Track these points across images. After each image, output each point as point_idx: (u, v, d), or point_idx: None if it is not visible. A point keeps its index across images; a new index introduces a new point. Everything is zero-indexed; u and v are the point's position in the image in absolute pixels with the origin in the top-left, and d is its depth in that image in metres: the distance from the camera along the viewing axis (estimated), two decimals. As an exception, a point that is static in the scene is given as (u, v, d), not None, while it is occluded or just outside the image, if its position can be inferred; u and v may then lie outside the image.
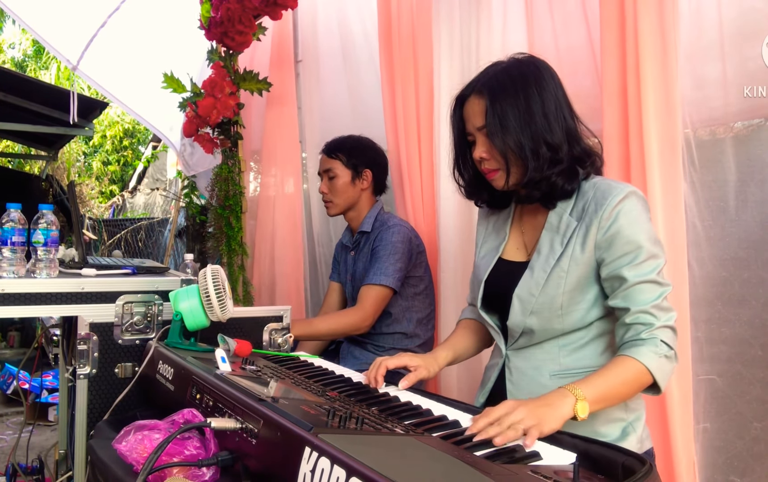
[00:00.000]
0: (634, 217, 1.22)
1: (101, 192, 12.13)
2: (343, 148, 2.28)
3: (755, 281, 1.62)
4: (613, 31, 1.71)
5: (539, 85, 1.27)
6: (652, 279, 1.20)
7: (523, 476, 0.80)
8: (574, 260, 1.26)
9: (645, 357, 1.17)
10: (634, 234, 1.21)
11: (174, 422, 1.09)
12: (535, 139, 1.25)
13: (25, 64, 11.94)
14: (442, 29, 2.30)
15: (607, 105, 1.73)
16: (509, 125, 1.25)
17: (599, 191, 1.26)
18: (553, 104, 1.27)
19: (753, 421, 1.63)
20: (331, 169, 2.27)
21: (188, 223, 6.25)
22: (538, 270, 1.30)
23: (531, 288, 1.30)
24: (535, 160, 1.25)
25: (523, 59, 1.32)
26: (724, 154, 1.67)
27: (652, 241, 1.22)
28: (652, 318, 1.19)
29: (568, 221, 1.28)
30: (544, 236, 1.32)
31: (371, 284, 2.11)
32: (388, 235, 2.16)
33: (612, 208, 1.22)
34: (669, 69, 1.62)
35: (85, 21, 3.48)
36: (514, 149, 1.26)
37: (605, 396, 1.17)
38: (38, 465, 2.26)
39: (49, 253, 1.65)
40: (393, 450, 0.85)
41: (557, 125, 1.27)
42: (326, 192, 2.29)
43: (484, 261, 1.45)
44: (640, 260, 1.20)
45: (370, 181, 2.28)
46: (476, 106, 1.30)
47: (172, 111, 3.13)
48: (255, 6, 2.63)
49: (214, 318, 1.51)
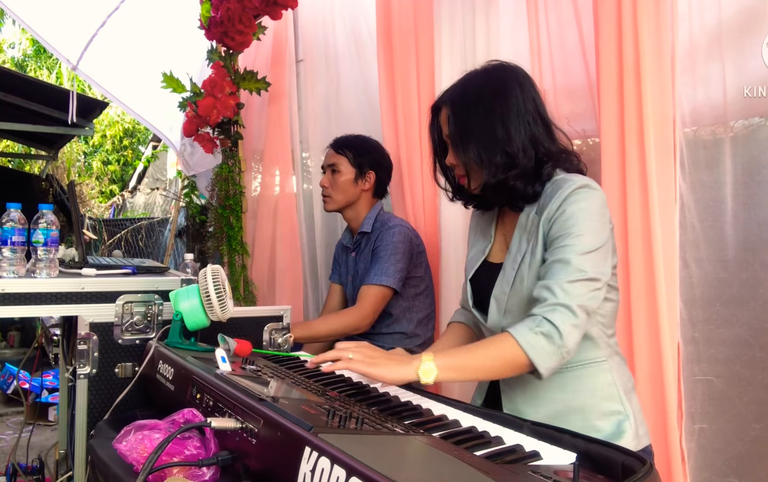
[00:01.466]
0: (579, 206, 1.23)
1: (101, 192, 12.13)
2: (351, 146, 2.29)
3: (754, 282, 1.61)
4: (610, 29, 1.72)
5: (502, 94, 1.31)
6: (567, 259, 1.19)
7: (523, 476, 0.80)
8: (533, 255, 1.28)
9: (519, 333, 1.17)
10: (573, 219, 1.22)
11: (174, 422, 1.09)
12: (490, 148, 1.30)
13: (25, 64, 11.93)
14: (443, 29, 2.30)
15: (604, 104, 1.74)
16: (467, 136, 1.31)
17: (555, 185, 1.29)
18: (514, 113, 1.31)
19: (752, 422, 1.63)
20: (336, 164, 2.27)
21: (188, 223, 6.25)
22: (508, 270, 1.34)
23: (503, 288, 1.34)
24: (490, 167, 1.30)
25: (491, 68, 1.37)
26: (724, 153, 1.67)
27: (592, 231, 1.22)
28: (548, 295, 1.18)
29: (533, 219, 1.32)
30: (515, 236, 1.35)
31: (371, 284, 2.11)
32: (389, 235, 2.17)
33: (562, 200, 1.24)
34: (664, 68, 1.63)
35: (84, 21, 3.47)
36: (473, 157, 1.31)
37: (462, 366, 1.19)
38: (38, 464, 2.26)
39: (49, 253, 1.65)
40: (393, 450, 0.85)
41: (518, 133, 1.30)
42: (327, 186, 2.30)
43: (471, 263, 1.49)
44: (568, 243, 1.20)
45: (373, 183, 2.29)
46: (443, 116, 1.39)
47: (172, 111, 3.13)
48: (255, 6, 2.63)
49: (214, 318, 1.51)
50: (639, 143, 1.66)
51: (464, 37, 2.24)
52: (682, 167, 1.67)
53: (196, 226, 5.50)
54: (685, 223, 1.68)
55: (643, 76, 1.64)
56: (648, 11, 1.64)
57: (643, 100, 1.64)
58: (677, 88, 1.66)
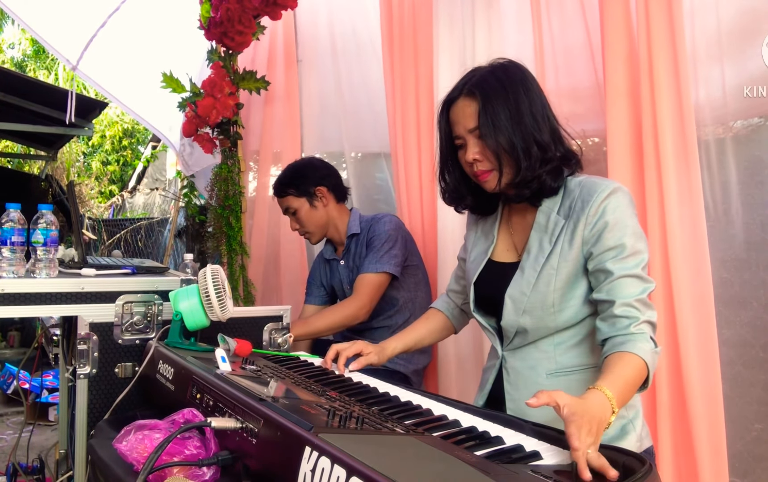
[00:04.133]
0: (620, 213, 1.24)
1: (101, 192, 12.13)
2: (288, 183, 2.30)
3: (756, 282, 1.62)
4: (618, 29, 1.70)
5: (525, 86, 1.30)
6: (636, 274, 1.21)
7: (523, 476, 0.80)
8: (563, 257, 1.27)
9: (642, 352, 1.16)
10: (619, 229, 1.23)
11: (174, 422, 1.09)
12: (526, 138, 1.27)
13: (25, 64, 11.93)
14: (441, 29, 2.30)
15: (611, 104, 1.72)
16: (501, 125, 1.27)
17: (585, 188, 1.28)
18: (539, 105, 1.30)
19: (754, 422, 1.63)
20: (288, 206, 2.30)
21: (188, 223, 6.25)
22: (528, 270, 1.32)
23: (522, 288, 1.32)
24: (527, 160, 1.28)
25: (506, 63, 1.35)
26: (725, 153, 1.67)
27: (636, 237, 1.23)
28: (636, 313, 1.19)
29: (556, 220, 1.30)
30: (533, 236, 1.34)
31: (366, 273, 2.12)
32: (380, 225, 2.18)
33: (599, 204, 1.24)
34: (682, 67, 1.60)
35: (84, 21, 3.47)
36: (507, 149, 1.28)
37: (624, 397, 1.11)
38: (39, 464, 2.26)
39: (49, 253, 1.65)
40: (393, 450, 0.85)
41: (545, 125, 1.29)
42: (297, 227, 2.32)
43: (474, 264, 1.47)
44: (625, 255, 1.22)
45: (328, 194, 2.28)
46: (467, 109, 1.31)
47: (171, 111, 3.13)
48: (255, 6, 2.62)
49: (214, 318, 1.51)
50: (653, 142, 1.63)
51: (464, 37, 2.24)
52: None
53: (195, 226, 5.50)
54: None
55: (657, 75, 1.61)
56: (660, 8, 1.61)
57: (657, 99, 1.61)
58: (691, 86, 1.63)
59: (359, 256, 2.23)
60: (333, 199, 2.30)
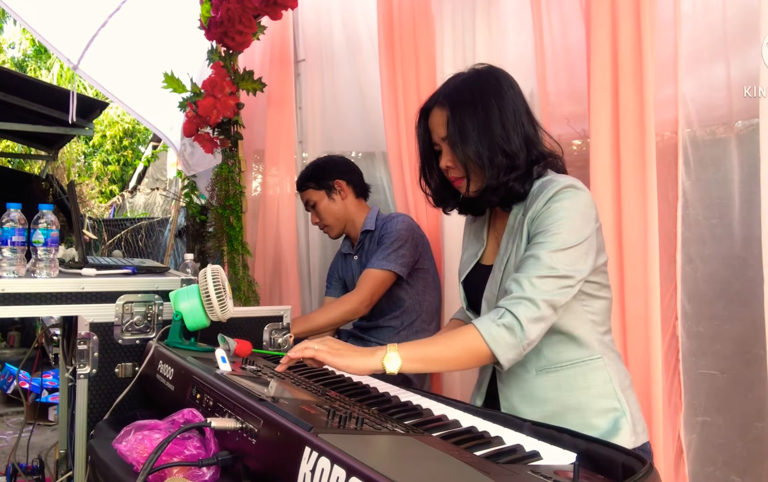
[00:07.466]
0: (561, 205, 1.24)
1: (101, 192, 12.13)
2: (308, 177, 2.35)
3: (758, 280, 1.61)
4: (602, 29, 1.72)
5: (498, 95, 1.32)
6: (539, 255, 1.21)
7: (523, 476, 0.80)
8: (518, 254, 1.29)
9: (482, 325, 1.18)
10: (553, 218, 1.23)
11: (174, 422, 1.09)
12: (492, 148, 1.29)
13: (25, 64, 11.94)
14: (444, 28, 2.30)
15: (594, 105, 1.74)
16: (468, 136, 1.30)
17: (542, 186, 1.29)
18: (511, 113, 1.31)
19: (754, 421, 1.63)
20: (308, 200, 2.35)
21: (188, 223, 6.25)
22: (496, 271, 1.35)
23: (492, 289, 1.35)
24: (492, 169, 1.30)
25: (483, 70, 1.37)
26: (725, 153, 1.68)
27: (569, 229, 1.22)
28: (515, 288, 1.20)
29: (520, 220, 1.32)
30: (504, 238, 1.36)
31: (371, 268, 2.13)
32: (392, 224, 2.20)
33: (547, 199, 1.25)
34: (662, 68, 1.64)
35: (85, 21, 3.47)
36: (473, 158, 1.30)
37: (426, 357, 1.20)
38: (38, 464, 2.26)
39: (49, 253, 1.65)
40: (393, 450, 0.85)
41: (515, 133, 1.31)
42: (317, 221, 2.36)
43: (463, 266, 1.50)
44: (543, 240, 1.22)
45: (348, 188, 2.31)
46: (439, 118, 1.36)
47: (172, 111, 3.13)
48: (255, 6, 2.62)
49: (214, 318, 1.51)
50: (636, 143, 1.66)
51: (464, 36, 2.24)
52: (687, 165, 1.67)
53: (196, 226, 5.50)
54: (689, 220, 1.69)
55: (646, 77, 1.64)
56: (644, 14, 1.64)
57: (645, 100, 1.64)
58: (681, 88, 1.65)
59: (371, 253, 2.24)
60: (352, 194, 2.33)
